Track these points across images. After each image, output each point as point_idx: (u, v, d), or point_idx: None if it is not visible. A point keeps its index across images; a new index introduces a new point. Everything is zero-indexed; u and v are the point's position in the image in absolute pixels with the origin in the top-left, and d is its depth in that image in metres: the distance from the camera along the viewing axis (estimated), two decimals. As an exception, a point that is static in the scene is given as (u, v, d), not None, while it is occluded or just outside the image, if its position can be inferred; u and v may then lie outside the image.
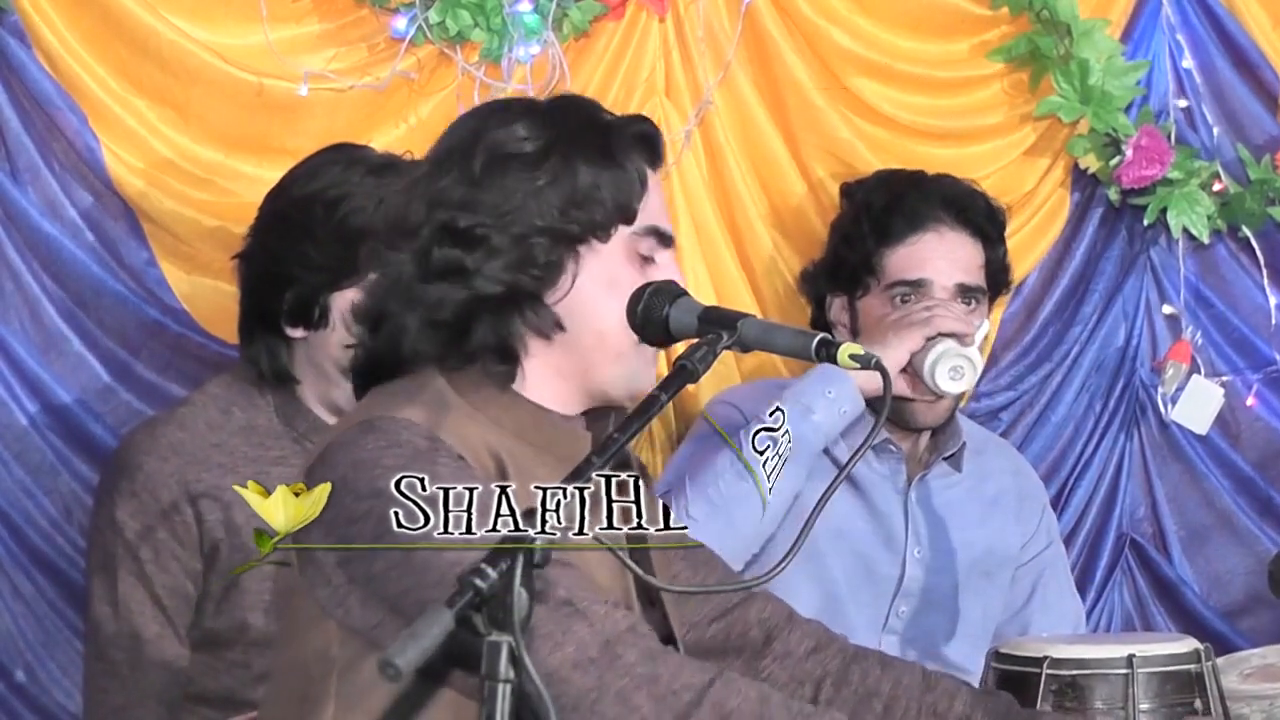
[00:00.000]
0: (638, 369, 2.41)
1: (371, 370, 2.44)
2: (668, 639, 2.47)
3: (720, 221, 3.86)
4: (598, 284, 2.39)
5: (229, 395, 3.18)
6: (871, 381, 3.26)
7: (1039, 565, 3.61)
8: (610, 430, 2.27)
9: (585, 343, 2.40)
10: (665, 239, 2.44)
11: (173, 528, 3.09)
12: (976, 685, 2.73)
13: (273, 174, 3.23)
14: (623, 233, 2.40)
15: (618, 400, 2.46)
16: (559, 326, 2.39)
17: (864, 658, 2.66)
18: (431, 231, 2.37)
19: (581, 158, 2.38)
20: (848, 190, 3.61)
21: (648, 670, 2.21)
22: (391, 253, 2.40)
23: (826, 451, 3.45)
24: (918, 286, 3.42)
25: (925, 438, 3.51)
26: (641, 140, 2.43)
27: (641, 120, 2.47)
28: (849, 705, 2.61)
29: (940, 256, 3.44)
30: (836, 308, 3.51)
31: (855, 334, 3.47)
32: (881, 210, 3.46)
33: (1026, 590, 3.60)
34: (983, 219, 3.49)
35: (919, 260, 3.43)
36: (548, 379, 2.41)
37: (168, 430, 3.13)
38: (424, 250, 2.37)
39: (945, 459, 3.50)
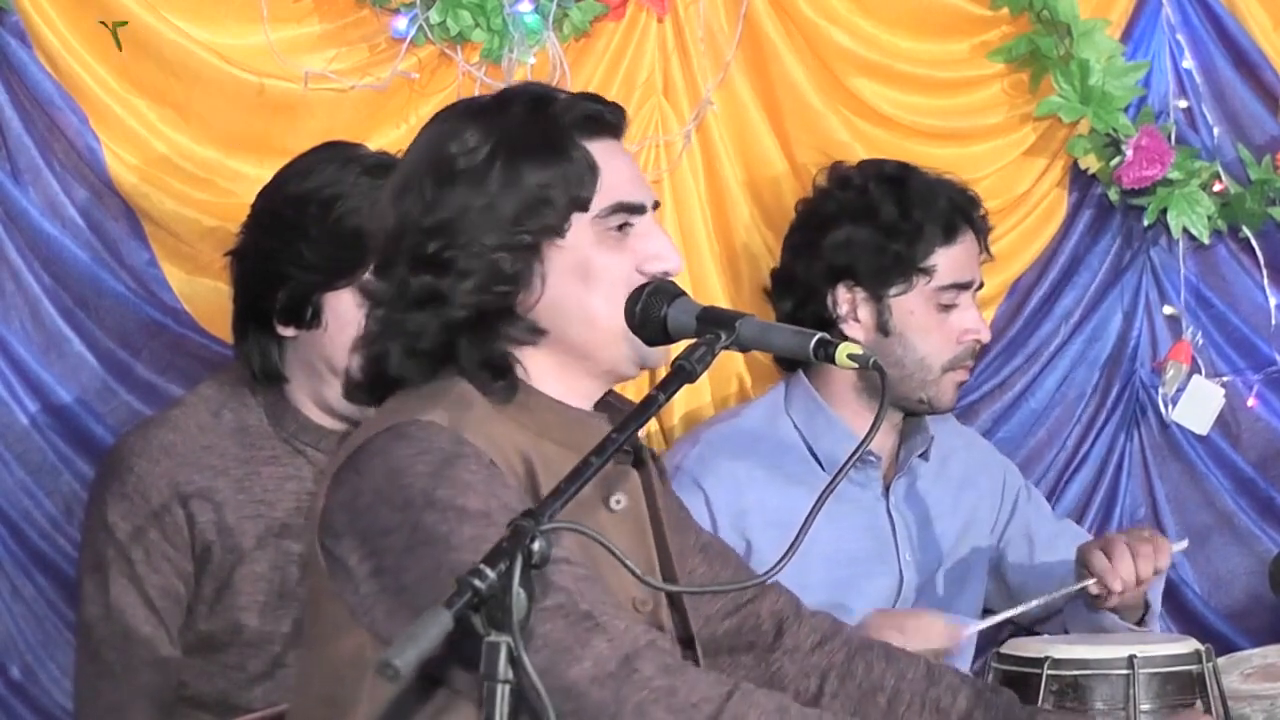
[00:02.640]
0: (640, 343, 2.42)
1: (364, 393, 2.46)
2: (686, 638, 2.49)
3: (708, 223, 3.85)
4: (571, 277, 2.40)
5: (220, 396, 3.18)
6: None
7: (1022, 517, 3.63)
8: (610, 430, 2.28)
9: (576, 335, 2.41)
10: (635, 209, 2.43)
11: (164, 529, 3.09)
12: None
13: (273, 174, 3.23)
14: (582, 221, 2.40)
15: (626, 376, 2.48)
16: (539, 331, 2.40)
17: (868, 650, 2.67)
18: (404, 259, 2.38)
19: (526, 159, 2.38)
20: (845, 181, 3.54)
21: (665, 684, 2.22)
22: (376, 280, 2.42)
23: (811, 451, 3.46)
24: (965, 288, 3.47)
25: (897, 434, 3.51)
26: (588, 121, 2.43)
27: (585, 99, 2.47)
28: (853, 699, 2.62)
29: (971, 256, 3.50)
30: (846, 300, 3.46)
31: (883, 332, 3.44)
32: (926, 207, 3.45)
33: (1024, 542, 3.62)
34: (977, 214, 3.53)
35: (964, 262, 3.47)
36: (556, 376, 2.42)
37: (159, 432, 3.13)
38: (401, 279, 2.38)
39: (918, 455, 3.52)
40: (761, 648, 2.64)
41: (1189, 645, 2.79)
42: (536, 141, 2.39)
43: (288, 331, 3.12)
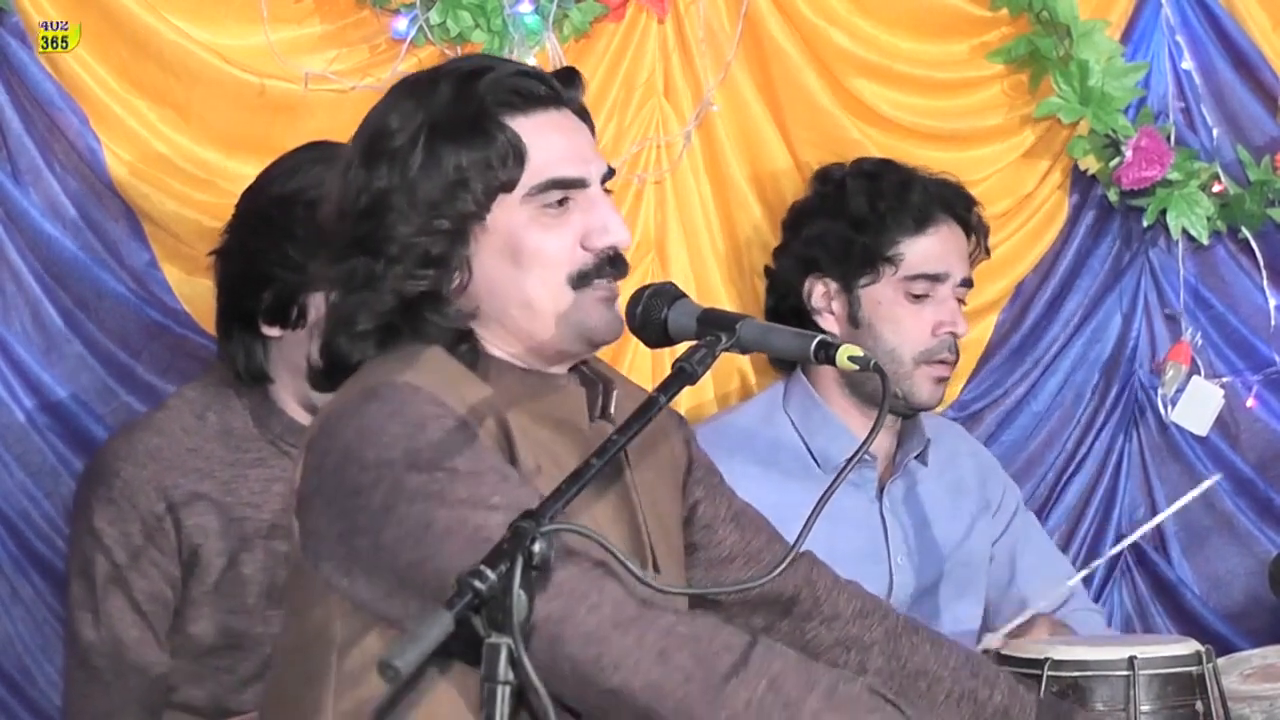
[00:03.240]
0: (585, 316, 2.39)
1: (324, 380, 2.44)
2: None
3: (712, 224, 3.86)
4: (501, 258, 2.36)
5: (204, 399, 3.17)
6: None
7: (1011, 537, 3.63)
8: (611, 432, 2.27)
9: (516, 317, 2.38)
10: (571, 183, 2.38)
11: (151, 534, 3.08)
12: None
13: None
14: (509, 202, 2.36)
15: (579, 354, 2.44)
16: (470, 316, 2.37)
17: (914, 631, 2.65)
18: (343, 241, 2.37)
19: (447, 140, 2.34)
20: (826, 176, 3.60)
21: (689, 630, 2.20)
22: (327, 265, 2.40)
23: (807, 448, 3.47)
24: (936, 280, 3.46)
25: (895, 436, 3.52)
26: (516, 96, 2.37)
27: (517, 73, 2.40)
28: (896, 678, 2.61)
29: (951, 251, 3.50)
30: (820, 293, 3.51)
31: (853, 323, 3.47)
32: (894, 198, 3.48)
33: (1007, 564, 3.62)
34: (967, 212, 3.54)
35: (938, 254, 3.48)
36: (513, 351, 2.40)
37: (144, 437, 3.12)
38: (342, 261, 2.37)
39: (914, 458, 3.53)
40: (797, 615, 2.61)
41: (1189, 646, 2.79)
42: (458, 121, 2.35)
43: (273, 331, 3.11)
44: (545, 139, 2.38)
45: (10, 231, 3.55)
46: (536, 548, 2.03)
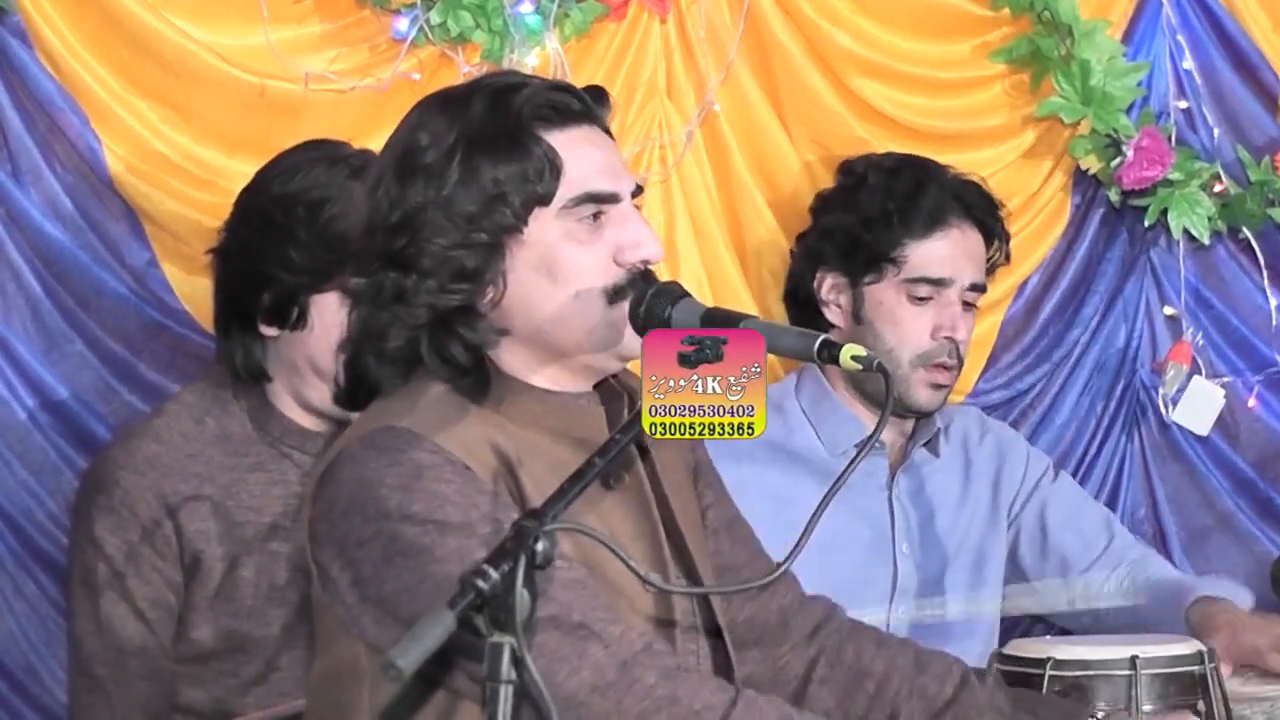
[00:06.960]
0: (617, 334, 2.39)
1: (347, 399, 2.45)
2: (711, 627, 2.48)
3: (721, 221, 3.86)
4: (536, 273, 2.36)
5: (202, 403, 3.16)
6: None
7: (1037, 502, 3.62)
8: (614, 432, 2.27)
9: (548, 332, 2.38)
10: (605, 198, 2.38)
11: (153, 541, 3.07)
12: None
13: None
14: (545, 215, 2.36)
15: (608, 369, 2.44)
16: (503, 331, 2.37)
17: (859, 635, 2.67)
18: (374, 256, 2.36)
19: (484, 154, 2.34)
20: (849, 169, 3.62)
21: (667, 692, 2.22)
22: (355, 279, 2.41)
23: (819, 436, 3.48)
24: (940, 284, 3.46)
25: (908, 426, 3.53)
26: (551, 111, 2.38)
27: (551, 88, 2.41)
28: (841, 684, 2.63)
29: (960, 255, 3.50)
30: (829, 286, 3.53)
31: (856, 319, 3.48)
32: (905, 199, 3.48)
33: (1036, 528, 3.61)
34: (989, 215, 3.55)
35: (944, 258, 3.48)
36: (537, 369, 2.40)
37: (143, 444, 3.11)
38: (373, 277, 2.37)
39: (923, 445, 3.53)
40: (769, 642, 2.63)
41: (1191, 646, 2.79)
42: (495, 136, 2.35)
43: (271, 331, 3.10)
44: (580, 153, 2.38)
45: (10, 231, 3.55)
46: (539, 547, 2.03)
